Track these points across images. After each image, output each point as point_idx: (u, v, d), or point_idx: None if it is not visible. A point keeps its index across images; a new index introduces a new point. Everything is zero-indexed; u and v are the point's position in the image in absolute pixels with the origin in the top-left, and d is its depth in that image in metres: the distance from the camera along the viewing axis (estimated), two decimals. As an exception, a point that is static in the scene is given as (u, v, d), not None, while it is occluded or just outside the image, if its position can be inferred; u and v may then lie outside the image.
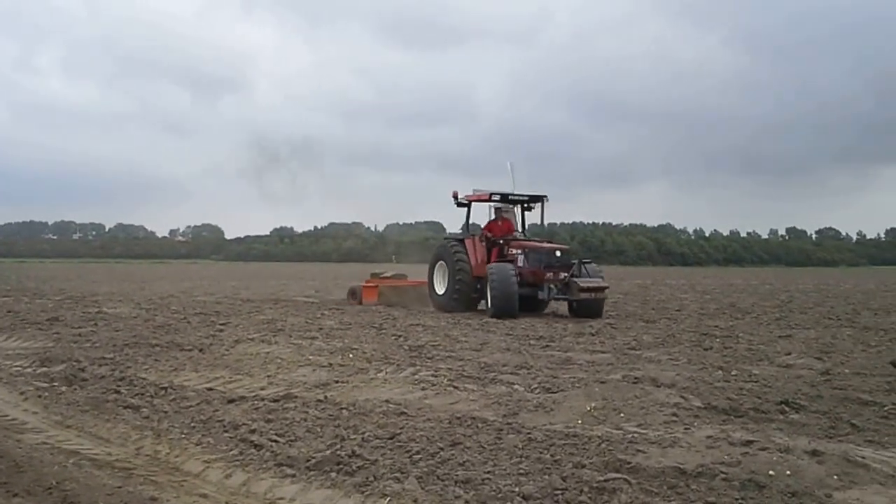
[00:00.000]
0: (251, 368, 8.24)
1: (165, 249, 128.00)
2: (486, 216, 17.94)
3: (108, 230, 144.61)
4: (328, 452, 4.71)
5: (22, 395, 6.80)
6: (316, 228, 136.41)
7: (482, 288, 16.12)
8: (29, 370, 8.13)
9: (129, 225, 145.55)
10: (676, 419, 5.70)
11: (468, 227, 17.91)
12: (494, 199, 17.00)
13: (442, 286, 17.21)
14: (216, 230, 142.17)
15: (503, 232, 17.24)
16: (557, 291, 15.37)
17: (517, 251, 16.15)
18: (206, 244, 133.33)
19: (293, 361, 8.63)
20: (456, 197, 17.35)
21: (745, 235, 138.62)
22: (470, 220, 17.96)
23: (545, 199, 17.24)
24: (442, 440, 5.05)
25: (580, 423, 5.63)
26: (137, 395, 6.74)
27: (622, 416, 5.84)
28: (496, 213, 17.65)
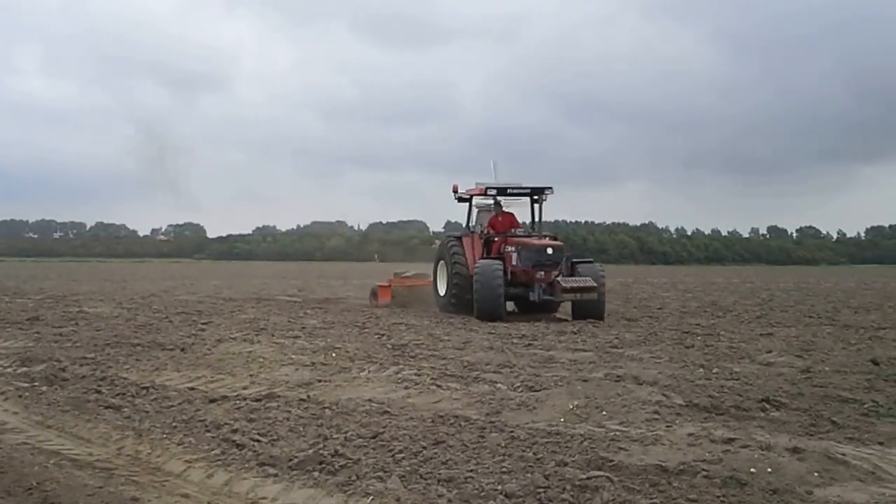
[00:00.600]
0: (233, 368, 8.19)
1: (147, 248, 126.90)
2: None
3: (88, 229, 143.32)
4: (311, 452, 4.70)
5: (2, 395, 6.74)
6: (299, 227, 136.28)
7: None
8: (9, 370, 8.04)
9: (109, 224, 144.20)
10: (658, 417, 5.73)
11: (469, 223, 16.85)
12: (490, 192, 15.89)
13: (443, 287, 16.35)
14: (198, 229, 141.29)
15: (505, 228, 16.26)
16: (543, 292, 14.35)
17: (511, 248, 15.23)
18: (188, 243, 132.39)
19: (276, 361, 8.59)
20: (456, 191, 16.40)
21: (726, 234, 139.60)
22: (471, 215, 16.94)
23: (547, 191, 16.05)
24: (425, 439, 5.05)
25: (563, 421, 5.65)
26: (119, 394, 6.69)
27: (604, 414, 5.86)
28: (496, 208, 16.62)
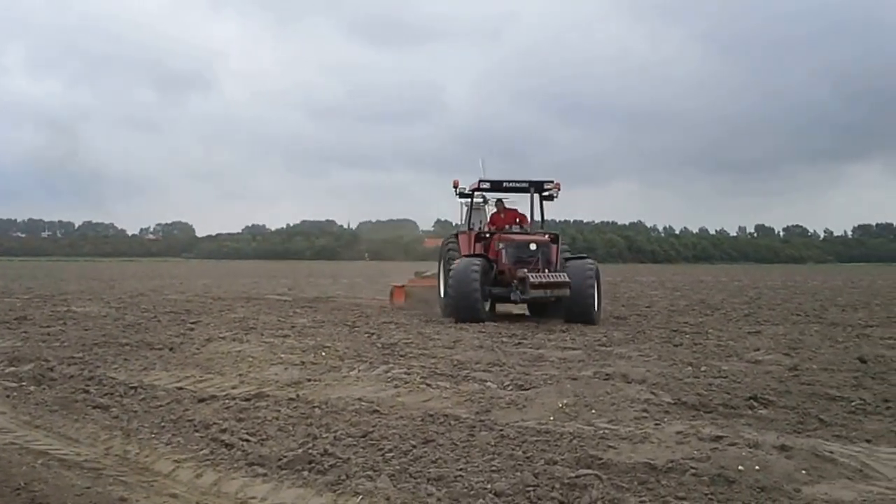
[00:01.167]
0: (222, 367, 8.16)
1: (135, 247, 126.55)
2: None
3: (76, 228, 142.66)
4: (300, 451, 4.69)
5: (-12, 395, 6.69)
6: (288, 226, 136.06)
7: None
8: (-5, 370, 7.99)
9: (98, 223, 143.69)
10: (647, 415, 5.74)
11: (469, 221, 16.08)
12: (483, 186, 14.98)
13: (443, 287, 15.24)
14: (187, 228, 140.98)
15: (507, 224, 15.56)
16: (515, 289, 13.35)
17: (501, 245, 14.25)
18: (176, 242, 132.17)
19: (265, 360, 8.57)
20: (456, 186, 15.54)
21: (714, 233, 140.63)
22: (471, 213, 16.17)
23: (547, 184, 14.92)
24: (414, 438, 5.04)
25: (552, 419, 5.66)
26: (107, 394, 6.65)
27: (593, 412, 5.87)
28: (497, 204, 16.03)
